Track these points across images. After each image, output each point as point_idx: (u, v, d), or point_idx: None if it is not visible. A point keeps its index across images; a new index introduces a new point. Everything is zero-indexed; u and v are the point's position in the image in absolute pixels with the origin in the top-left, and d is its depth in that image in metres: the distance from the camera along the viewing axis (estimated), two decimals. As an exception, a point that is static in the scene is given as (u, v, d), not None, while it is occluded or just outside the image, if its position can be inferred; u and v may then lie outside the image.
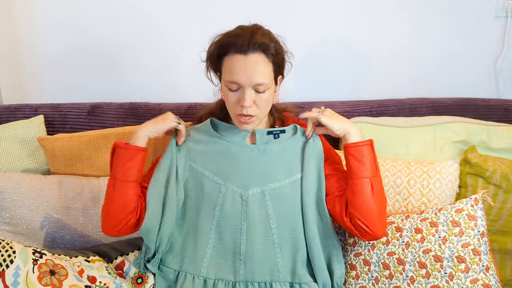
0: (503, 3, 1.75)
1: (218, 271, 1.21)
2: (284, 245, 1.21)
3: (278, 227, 1.21)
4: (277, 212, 1.21)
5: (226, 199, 1.21)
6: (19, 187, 1.41)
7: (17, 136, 1.59)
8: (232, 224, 1.20)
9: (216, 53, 1.16)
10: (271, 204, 1.20)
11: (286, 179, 1.22)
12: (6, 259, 1.11)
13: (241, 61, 1.11)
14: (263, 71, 1.12)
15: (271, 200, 1.21)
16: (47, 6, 1.77)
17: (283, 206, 1.21)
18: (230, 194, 1.21)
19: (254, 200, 1.20)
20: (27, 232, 1.40)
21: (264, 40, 1.12)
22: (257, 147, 1.23)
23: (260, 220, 1.20)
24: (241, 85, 1.12)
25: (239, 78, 1.11)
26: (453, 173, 1.42)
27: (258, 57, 1.11)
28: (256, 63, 1.11)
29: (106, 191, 1.21)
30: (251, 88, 1.13)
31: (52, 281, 1.15)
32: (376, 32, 1.78)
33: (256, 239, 1.20)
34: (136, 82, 1.84)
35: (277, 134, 1.24)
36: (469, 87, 1.82)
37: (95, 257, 1.31)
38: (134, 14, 1.77)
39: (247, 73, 1.10)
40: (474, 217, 1.21)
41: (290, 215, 1.22)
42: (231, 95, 1.15)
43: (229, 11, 1.75)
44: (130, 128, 1.57)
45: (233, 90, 1.14)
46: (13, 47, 1.82)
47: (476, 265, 1.17)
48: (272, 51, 1.13)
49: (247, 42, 1.10)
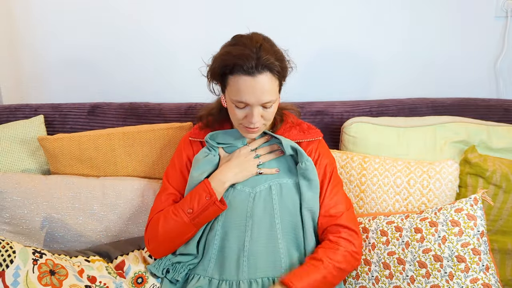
0: (503, 3, 1.75)
1: (222, 271, 1.22)
2: (287, 240, 1.23)
3: (282, 222, 1.23)
4: (281, 206, 1.23)
5: (235, 198, 1.24)
6: (19, 187, 1.41)
7: (17, 136, 1.59)
8: (237, 221, 1.23)
9: (220, 71, 1.15)
10: (277, 199, 1.24)
11: (289, 179, 1.27)
12: (6, 259, 1.11)
13: (248, 82, 1.11)
14: (271, 90, 1.13)
15: (277, 194, 1.24)
16: (47, 6, 1.77)
17: (287, 201, 1.24)
18: (237, 193, 1.24)
19: (260, 195, 1.23)
20: (27, 232, 1.40)
21: (270, 60, 1.11)
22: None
23: (265, 215, 1.22)
24: (249, 104, 1.14)
25: (247, 99, 1.12)
26: (453, 173, 1.42)
27: (266, 78, 1.11)
28: (263, 84, 1.11)
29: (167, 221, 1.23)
30: (259, 106, 1.15)
31: (52, 281, 1.15)
32: (376, 32, 1.78)
33: (261, 235, 1.21)
34: (136, 82, 1.84)
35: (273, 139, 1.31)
36: (469, 87, 1.82)
37: (95, 257, 1.31)
38: (134, 14, 1.77)
39: (255, 94, 1.11)
40: (474, 217, 1.21)
41: (293, 211, 1.24)
42: (237, 111, 1.17)
43: (230, 12, 1.75)
44: (130, 128, 1.57)
45: (240, 108, 1.16)
46: (13, 47, 1.82)
47: (476, 265, 1.17)
48: (278, 69, 1.13)
49: (254, 64, 1.09)
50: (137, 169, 1.54)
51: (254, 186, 1.24)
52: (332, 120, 1.65)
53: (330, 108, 1.67)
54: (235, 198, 1.24)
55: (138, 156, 1.54)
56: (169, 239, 1.23)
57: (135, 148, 1.53)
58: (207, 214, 1.20)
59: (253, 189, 1.24)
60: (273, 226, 1.22)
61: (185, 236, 1.23)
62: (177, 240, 1.24)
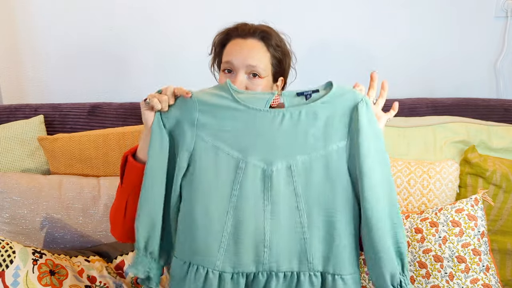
0: (503, 3, 1.75)
1: (236, 263, 1.01)
2: (315, 228, 1.02)
3: (307, 207, 1.01)
4: (307, 189, 1.02)
5: (247, 176, 1.01)
6: (19, 187, 1.41)
7: (17, 136, 1.59)
8: (252, 205, 1.01)
9: (220, 41, 1.17)
10: (299, 181, 1.01)
11: (321, 150, 1.01)
12: (6, 259, 1.11)
13: (238, 43, 1.13)
14: (259, 57, 1.12)
15: (300, 175, 1.01)
16: (47, 6, 1.77)
17: (314, 182, 1.01)
18: (251, 169, 1.01)
19: (279, 176, 1.01)
20: (27, 232, 1.40)
21: (266, 30, 1.14)
22: (283, 112, 1.01)
23: (286, 200, 1.01)
24: (234, 67, 1.12)
25: (233, 58, 1.11)
26: (453, 173, 1.42)
27: (256, 43, 1.13)
28: (252, 47, 1.12)
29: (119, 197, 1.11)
30: (244, 72, 1.11)
31: (52, 281, 1.15)
32: (376, 32, 1.78)
33: (282, 222, 1.01)
34: (136, 82, 1.84)
35: (309, 95, 1.02)
36: (469, 87, 1.82)
37: (95, 257, 1.31)
38: (134, 14, 1.77)
39: (242, 54, 1.11)
40: (474, 217, 1.21)
41: (325, 192, 1.01)
42: (223, 77, 1.14)
43: (231, 13, 1.75)
44: (130, 128, 1.57)
45: (226, 72, 1.13)
46: (13, 47, 1.82)
47: (476, 265, 1.17)
48: (272, 43, 1.14)
49: (248, 28, 1.13)
50: (137, 169, 1.54)
51: (270, 163, 1.01)
52: (332, 120, 1.65)
53: (330, 108, 1.66)
54: (247, 176, 1.01)
55: (138, 156, 1.54)
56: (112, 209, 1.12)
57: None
58: (126, 173, 1.07)
59: (269, 166, 1.01)
60: (295, 213, 1.02)
61: (121, 203, 1.09)
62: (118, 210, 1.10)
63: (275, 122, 1.02)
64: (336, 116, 1.01)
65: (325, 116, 1.01)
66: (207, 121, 1.02)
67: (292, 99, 1.03)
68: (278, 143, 1.01)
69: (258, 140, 1.02)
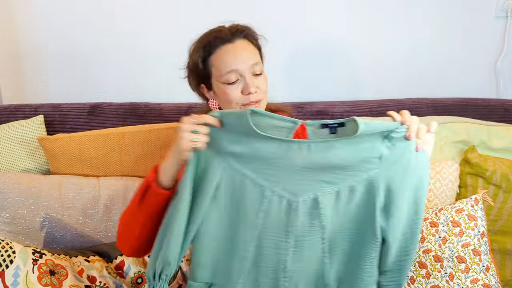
0: (503, 3, 1.75)
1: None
2: (336, 254, 1.03)
3: (332, 235, 1.01)
4: (333, 220, 1.00)
5: (271, 206, 0.99)
6: (19, 187, 1.41)
7: (17, 136, 1.59)
8: (275, 236, 1.00)
9: (201, 57, 1.14)
10: (325, 213, 0.99)
11: (349, 180, 0.99)
12: (6, 259, 1.11)
13: (230, 49, 1.11)
14: (253, 54, 1.13)
15: (326, 207, 0.99)
16: (48, 5, 1.76)
17: (340, 213, 1.00)
18: (276, 200, 0.99)
19: (304, 208, 0.99)
20: (27, 232, 1.40)
21: (242, 27, 1.14)
22: (308, 144, 0.97)
23: (311, 232, 1.00)
24: (239, 72, 1.10)
25: (237, 65, 1.09)
26: (453, 173, 1.42)
27: (244, 42, 1.13)
28: (244, 47, 1.12)
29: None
30: (249, 73, 1.11)
31: (52, 281, 1.15)
32: (376, 32, 1.78)
33: (305, 253, 1.01)
34: (136, 82, 1.84)
35: (334, 128, 0.98)
36: (469, 87, 1.82)
37: (95, 257, 1.31)
38: (134, 14, 1.77)
39: (242, 57, 1.10)
40: (474, 217, 1.21)
41: (351, 221, 1.01)
42: (231, 89, 1.10)
43: (233, 12, 1.74)
44: (130, 128, 1.57)
45: (232, 82, 1.10)
46: (13, 47, 1.82)
47: (476, 265, 1.17)
48: (252, 37, 1.15)
49: (229, 31, 1.12)
50: (137, 169, 1.54)
51: (296, 195, 0.99)
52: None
53: (330, 108, 1.67)
54: (272, 205, 1.00)
55: (138, 156, 1.53)
56: (122, 225, 1.07)
57: (135, 148, 1.53)
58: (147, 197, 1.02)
59: (295, 197, 0.99)
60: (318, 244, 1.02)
61: (135, 224, 1.04)
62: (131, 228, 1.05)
63: (301, 153, 0.98)
64: (365, 149, 0.98)
65: (352, 150, 0.98)
66: (234, 149, 0.99)
67: (316, 130, 0.99)
68: (304, 174, 0.99)
69: (283, 170, 0.99)
